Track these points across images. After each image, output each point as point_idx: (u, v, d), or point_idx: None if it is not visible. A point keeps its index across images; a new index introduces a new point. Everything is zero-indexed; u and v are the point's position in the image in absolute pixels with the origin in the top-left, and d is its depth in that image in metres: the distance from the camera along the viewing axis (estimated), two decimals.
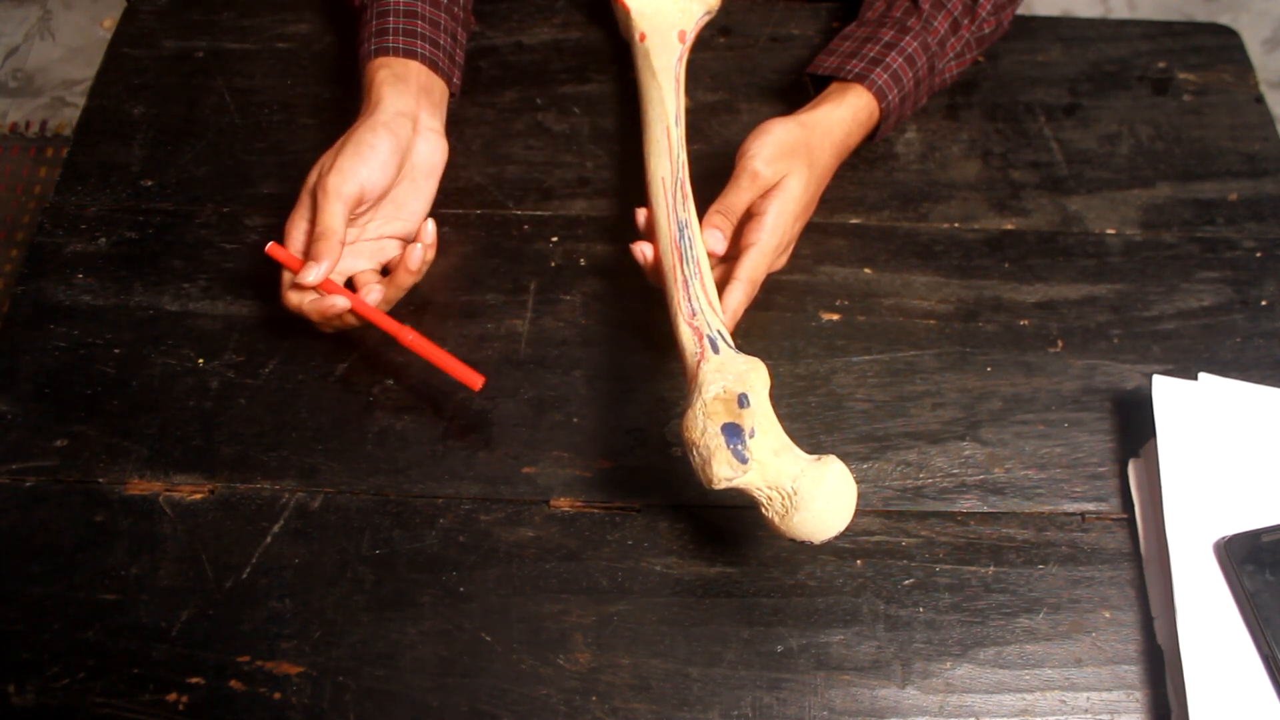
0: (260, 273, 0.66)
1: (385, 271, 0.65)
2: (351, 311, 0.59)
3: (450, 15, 0.70)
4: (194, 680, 0.53)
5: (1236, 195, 0.73)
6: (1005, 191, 0.72)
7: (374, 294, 0.60)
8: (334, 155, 0.61)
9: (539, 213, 0.70)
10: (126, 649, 0.54)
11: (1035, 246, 0.70)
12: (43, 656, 0.54)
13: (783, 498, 0.49)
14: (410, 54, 0.66)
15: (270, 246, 0.59)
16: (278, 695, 0.53)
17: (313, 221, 0.60)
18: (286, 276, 0.60)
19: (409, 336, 0.59)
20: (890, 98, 0.67)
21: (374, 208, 0.63)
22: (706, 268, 0.58)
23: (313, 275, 0.58)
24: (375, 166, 0.61)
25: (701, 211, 0.61)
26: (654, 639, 0.55)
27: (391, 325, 0.59)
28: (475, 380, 0.58)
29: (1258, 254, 0.70)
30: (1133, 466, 0.60)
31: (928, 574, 0.57)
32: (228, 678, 0.53)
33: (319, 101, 0.75)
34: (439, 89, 0.67)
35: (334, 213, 0.59)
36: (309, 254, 0.59)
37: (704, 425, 0.49)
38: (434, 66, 0.67)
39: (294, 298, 0.59)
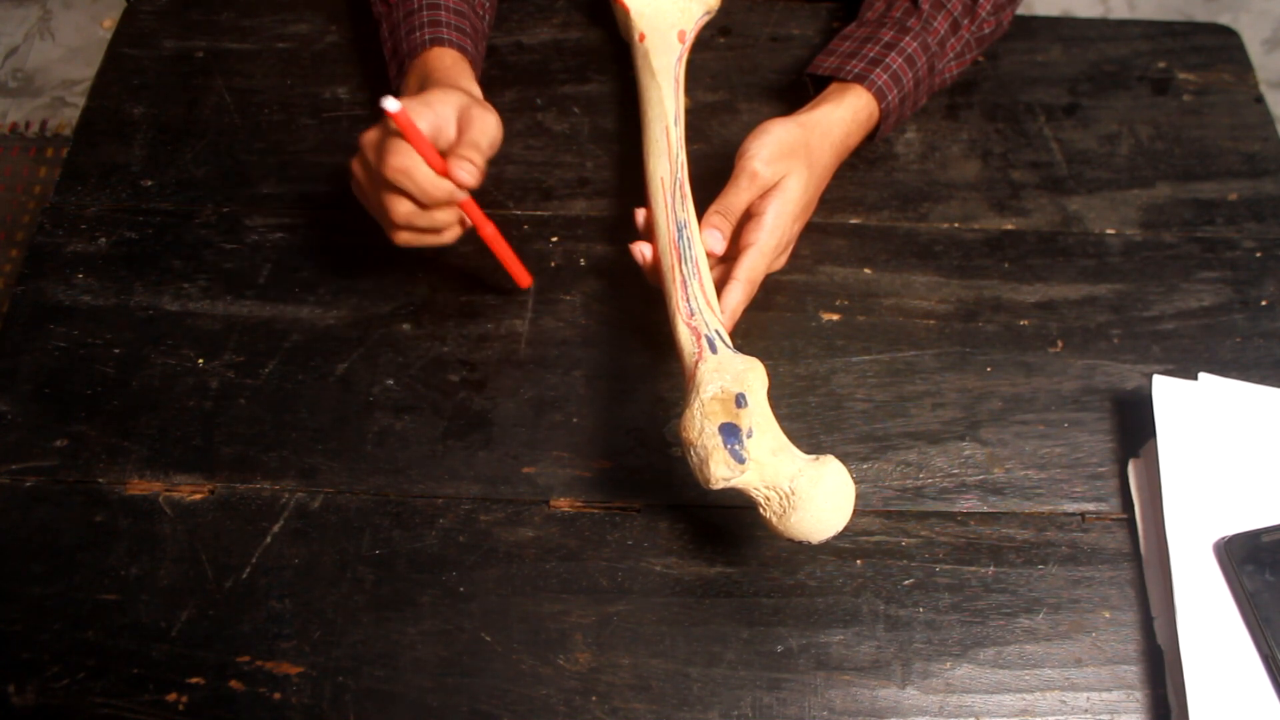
0: (260, 272, 0.67)
1: None
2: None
3: (484, 27, 0.72)
4: (194, 680, 0.53)
5: (1236, 195, 0.72)
6: (1005, 191, 0.72)
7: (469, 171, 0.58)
8: (477, 99, 0.61)
9: (539, 213, 0.70)
10: (126, 649, 0.54)
11: (1035, 246, 0.70)
12: (43, 656, 0.54)
13: (781, 497, 0.49)
14: (463, 50, 0.67)
15: (399, 113, 0.54)
16: (278, 695, 0.53)
17: (454, 137, 0.58)
18: (399, 145, 0.55)
19: (489, 230, 0.61)
20: (890, 98, 0.67)
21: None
22: (705, 268, 0.58)
23: (465, 174, 0.56)
24: (500, 137, 0.60)
25: (701, 211, 0.61)
26: (654, 639, 0.55)
27: (479, 215, 0.60)
28: (525, 279, 0.64)
29: (1258, 254, 0.70)
30: (1133, 466, 0.60)
31: (928, 574, 0.57)
32: (228, 678, 0.53)
33: (319, 101, 0.75)
34: None
35: (489, 136, 0.58)
36: (456, 152, 0.57)
37: (701, 425, 0.49)
38: (475, 69, 0.68)
39: (417, 164, 0.56)
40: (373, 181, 0.58)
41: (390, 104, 0.53)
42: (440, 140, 0.58)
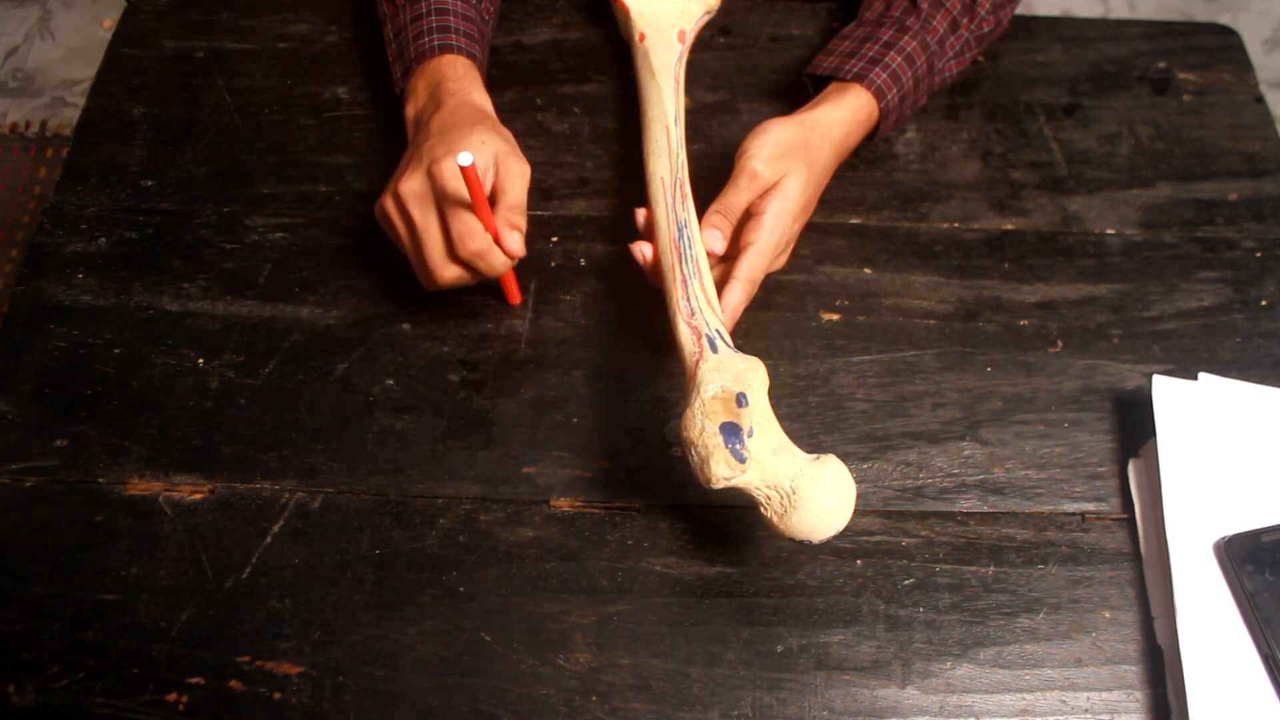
0: (260, 272, 0.67)
1: None
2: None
3: (489, 27, 0.72)
4: (194, 680, 0.53)
5: (1236, 195, 0.72)
6: (1005, 191, 0.72)
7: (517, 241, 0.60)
8: (507, 141, 0.62)
9: (539, 213, 0.70)
10: (126, 649, 0.54)
11: (1035, 246, 0.70)
12: (43, 656, 0.54)
13: (781, 497, 0.49)
14: (473, 57, 0.67)
15: (470, 168, 0.54)
16: (278, 695, 0.53)
17: (495, 187, 0.60)
18: (470, 222, 0.57)
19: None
20: (889, 97, 0.67)
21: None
22: (705, 267, 0.58)
23: (517, 244, 0.59)
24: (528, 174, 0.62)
25: (701, 211, 0.61)
26: (654, 639, 0.55)
27: (512, 280, 0.64)
28: (516, 297, 0.65)
29: (1258, 254, 0.70)
30: (1133, 466, 0.60)
31: (928, 574, 0.57)
32: (228, 678, 0.53)
33: (319, 101, 0.75)
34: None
35: (523, 191, 0.60)
36: (502, 220, 0.59)
37: (702, 424, 0.49)
38: (480, 72, 0.68)
39: (486, 246, 0.58)
40: (417, 239, 0.59)
41: (465, 159, 0.52)
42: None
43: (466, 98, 0.64)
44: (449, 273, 0.59)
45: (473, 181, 0.54)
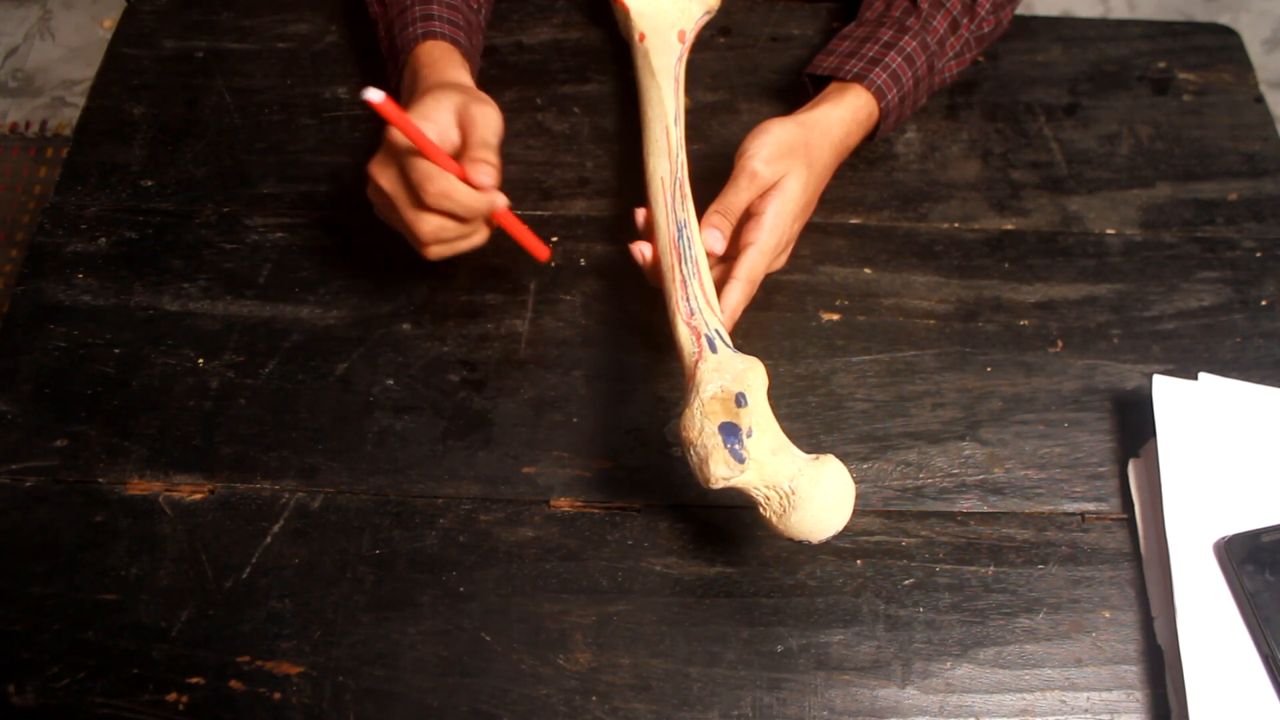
0: (260, 272, 0.67)
1: None
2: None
3: (478, 20, 0.72)
4: (194, 680, 0.53)
5: (1236, 195, 0.72)
6: (1005, 191, 0.72)
7: (501, 199, 0.59)
8: (472, 93, 0.60)
9: (539, 213, 0.70)
10: (126, 649, 0.54)
11: (1035, 246, 0.70)
12: (43, 656, 0.54)
13: (781, 497, 0.49)
14: (456, 43, 0.67)
15: (383, 103, 0.52)
16: (278, 695, 0.53)
17: (460, 139, 0.59)
18: (426, 168, 0.55)
19: (508, 218, 0.61)
20: (889, 97, 0.67)
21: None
22: (705, 267, 0.58)
23: (487, 178, 0.56)
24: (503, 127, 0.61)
25: (701, 211, 0.61)
26: (654, 639, 0.55)
27: (528, 234, 0.63)
28: (543, 251, 0.64)
29: (1258, 254, 0.70)
30: (1133, 466, 0.60)
31: (928, 574, 0.57)
32: (228, 678, 0.53)
33: (319, 101, 0.75)
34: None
35: (495, 131, 0.59)
36: (470, 158, 0.57)
37: (701, 424, 0.49)
38: (470, 65, 0.68)
39: (456, 186, 0.56)
40: (393, 206, 0.58)
41: (373, 94, 0.50)
42: (447, 147, 0.58)
43: (440, 78, 0.63)
44: (427, 224, 0.57)
45: (395, 117, 0.53)
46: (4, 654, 0.54)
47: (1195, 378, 0.60)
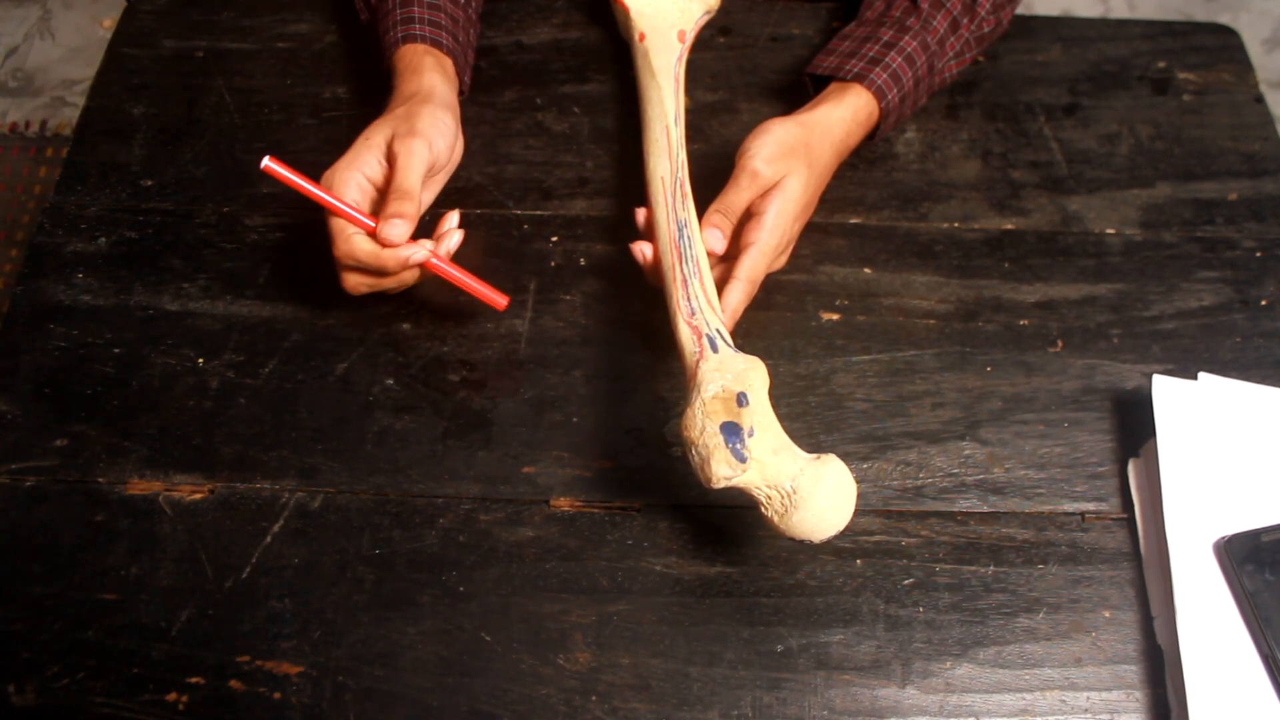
0: (260, 272, 0.67)
1: None
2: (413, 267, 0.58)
3: (466, 15, 0.71)
4: (194, 680, 0.53)
5: (1236, 195, 0.72)
6: (1005, 191, 0.72)
7: (455, 238, 0.59)
8: (405, 121, 0.60)
9: (539, 213, 0.70)
10: (126, 649, 0.54)
11: (1035, 246, 0.70)
12: (43, 656, 0.54)
13: (782, 497, 0.49)
14: (437, 44, 0.67)
15: (268, 167, 0.54)
16: (278, 695, 0.53)
17: (386, 179, 0.59)
18: (338, 224, 0.57)
19: (453, 274, 0.60)
20: (889, 97, 0.67)
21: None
22: (706, 267, 0.58)
23: (396, 232, 0.56)
24: (443, 144, 0.61)
25: (701, 211, 0.61)
26: (654, 639, 0.55)
27: (473, 283, 0.60)
28: (500, 301, 0.60)
29: (1258, 254, 0.70)
30: (1133, 466, 0.60)
31: (928, 574, 0.57)
32: (228, 678, 0.53)
33: (319, 101, 0.75)
34: (455, 84, 0.68)
35: (416, 171, 0.58)
36: (385, 210, 0.57)
37: (702, 424, 0.49)
38: (454, 61, 0.68)
39: (360, 245, 0.56)
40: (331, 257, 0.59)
41: (265, 161, 0.52)
42: (369, 199, 0.60)
43: (405, 91, 0.64)
44: (352, 282, 0.58)
45: (288, 180, 0.54)
46: (4, 654, 0.54)
47: (1195, 378, 0.60)
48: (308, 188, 0.56)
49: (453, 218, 0.61)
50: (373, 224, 0.57)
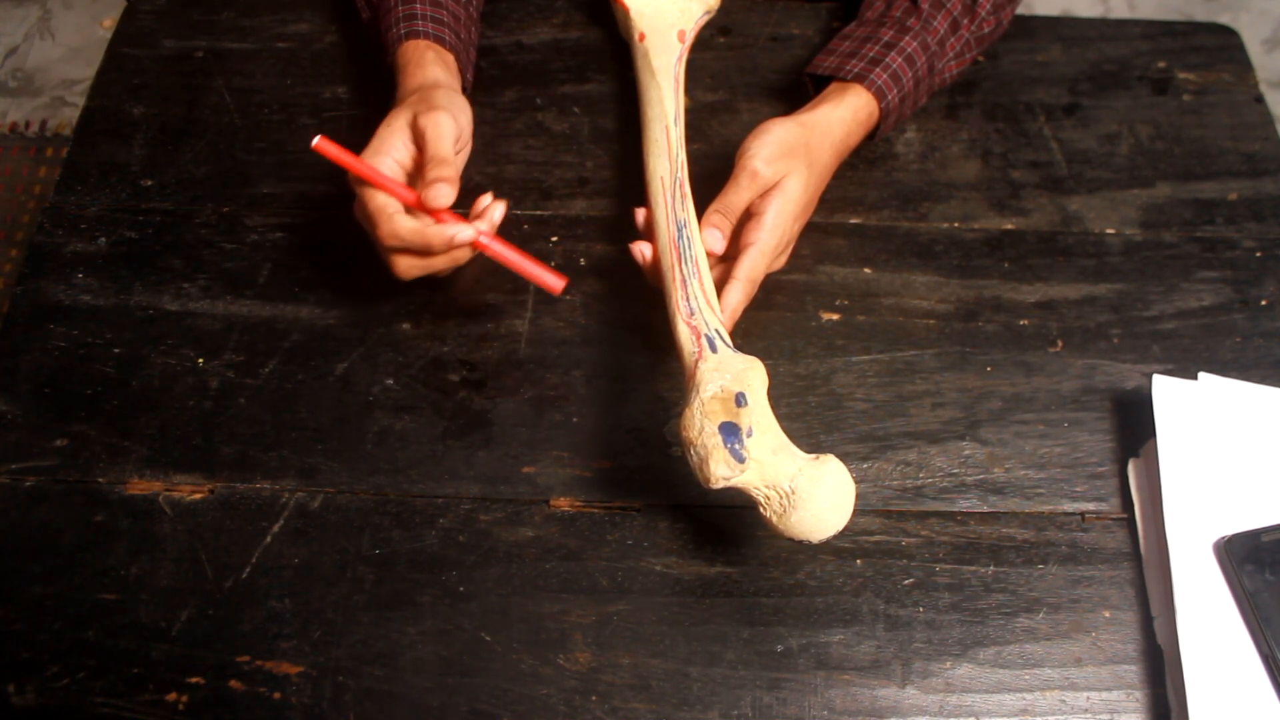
0: (260, 272, 0.67)
1: None
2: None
3: (467, 13, 0.71)
4: (194, 680, 0.53)
5: (1236, 195, 0.72)
6: (1005, 191, 0.72)
7: (498, 211, 0.58)
8: (423, 102, 0.60)
9: (539, 213, 0.70)
10: (126, 649, 0.54)
11: (1035, 246, 0.70)
12: (43, 656, 0.54)
13: (781, 497, 0.49)
14: (439, 40, 0.67)
15: (320, 144, 0.53)
16: (278, 695, 0.53)
17: (415, 161, 0.59)
18: (379, 206, 0.56)
19: (505, 255, 0.59)
20: (890, 97, 0.67)
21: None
22: (705, 267, 0.58)
23: (441, 196, 0.55)
24: (465, 119, 0.62)
25: (701, 211, 0.61)
26: (654, 639, 0.55)
27: (526, 264, 0.58)
28: (556, 284, 0.58)
29: (1258, 254, 0.70)
30: (1133, 466, 0.60)
31: (928, 574, 0.57)
32: (228, 678, 0.53)
33: (319, 101, 0.75)
34: (458, 80, 0.68)
35: (446, 140, 0.58)
36: (425, 178, 0.56)
37: (701, 424, 0.49)
38: (456, 58, 0.68)
39: (403, 224, 0.56)
40: (375, 242, 0.59)
41: (317, 141, 0.53)
42: (404, 175, 0.60)
43: (411, 85, 0.64)
44: (403, 266, 0.58)
45: (336, 158, 0.54)
46: (4, 654, 0.54)
47: (1195, 378, 0.60)
48: (357, 165, 0.56)
49: (488, 197, 0.61)
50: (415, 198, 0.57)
